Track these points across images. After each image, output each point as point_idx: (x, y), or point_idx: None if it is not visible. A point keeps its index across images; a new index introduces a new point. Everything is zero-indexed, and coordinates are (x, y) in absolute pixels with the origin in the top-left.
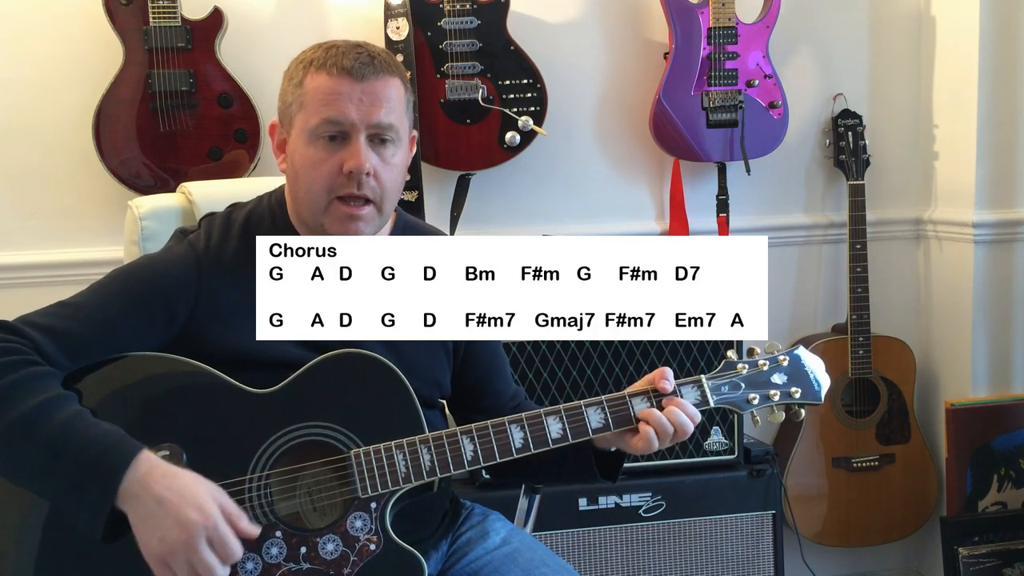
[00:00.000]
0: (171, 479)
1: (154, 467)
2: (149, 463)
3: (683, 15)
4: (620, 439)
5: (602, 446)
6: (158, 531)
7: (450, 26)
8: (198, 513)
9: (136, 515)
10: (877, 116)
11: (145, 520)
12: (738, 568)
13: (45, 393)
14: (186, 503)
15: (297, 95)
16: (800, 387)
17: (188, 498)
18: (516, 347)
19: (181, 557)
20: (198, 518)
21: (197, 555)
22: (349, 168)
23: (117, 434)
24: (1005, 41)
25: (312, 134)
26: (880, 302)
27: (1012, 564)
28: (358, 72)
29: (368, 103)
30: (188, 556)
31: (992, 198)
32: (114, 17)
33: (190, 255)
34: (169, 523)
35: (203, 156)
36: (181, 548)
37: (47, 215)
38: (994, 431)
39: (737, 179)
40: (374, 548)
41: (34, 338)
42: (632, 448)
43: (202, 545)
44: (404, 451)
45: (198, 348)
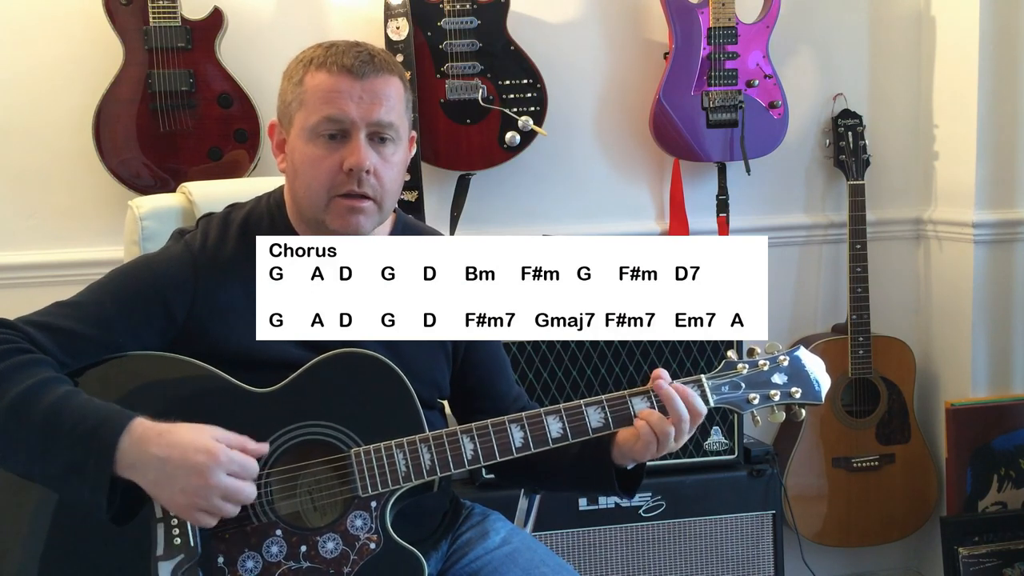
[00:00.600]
0: (167, 435)
1: (147, 430)
2: (142, 427)
3: (683, 15)
4: (632, 449)
5: (620, 463)
6: (175, 486)
7: (450, 26)
8: (204, 455)
9: (146, 480)
10: (877, 116)
11: (157, 483)
12: (738, 568)
13: (35, 376)
14: (188, 451)
15: (297, 93)
16: (800, 387)
17: (188, 446)
18: (516, 347)
19: (208, 496)
20: (205, 459)
21: (220, 486)
22: (349, 166)
23: (108, 408)
24: (1005, 41)
25: (312, 132)
26: (880, 302)
27: (1012, 564)
28: (358, 70)
29: (368, 101)
30: (213, 492)
31: (992, 198)
32: (114, 17)
33: (186, 255)
34: (181, 475)
35: (203, 156)
36: (203, 489)
37: (47, 215)
38: (994, 431)
39: (737, 179)
40: (374, 547)
41: (31, 335)
42: (639, 455)
43: (221, 477)
44: (404, 450)
45: (198, 348)
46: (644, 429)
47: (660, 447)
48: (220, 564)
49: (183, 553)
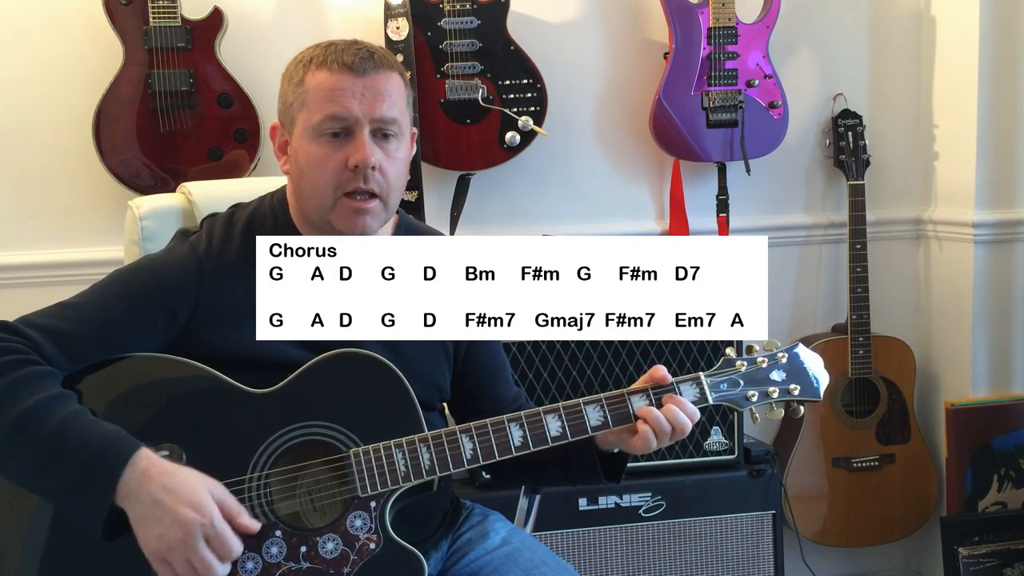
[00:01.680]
0: (169, 477)
1: (152, 465)
2: (147, 461)
3: (683, 15)
4: (620, 440)
5: (604, 448)
6: (156, 529)
7: (450, 26)
8: (194, 512)
9: (135, 513)
10: (877, 116)
11: (143, 519)
12: (738, 568)
13: (44, 392)
14: (182, 502)
15: (298, 94)
16: (799, 384)
17: (184, 497)
18: (516, 347)
19: (179, 555)
20: (194, 517)
21: (195, 554)
22: (355, 162)
23: (116, 433)
24: (1005, 41)
25: (315, 131)
26: (880, 302)
27: (1012, 564)
28: (359, 67)
29: (370, 97)
30: (186, 555)
31: (992, 198)
32: (114, 17)
33: (191, 256)
34: (167, 522)
35: (203, 156)
36: (179, 547)
37: (47, 215)
38: (994, 431)
39: (737, 179)
40: (374, 547)
41: (34, 338)
42: (632, 448)
43: (200, 544)
44: (403, 450)
45: (198, 349)
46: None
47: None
48: None
49: None
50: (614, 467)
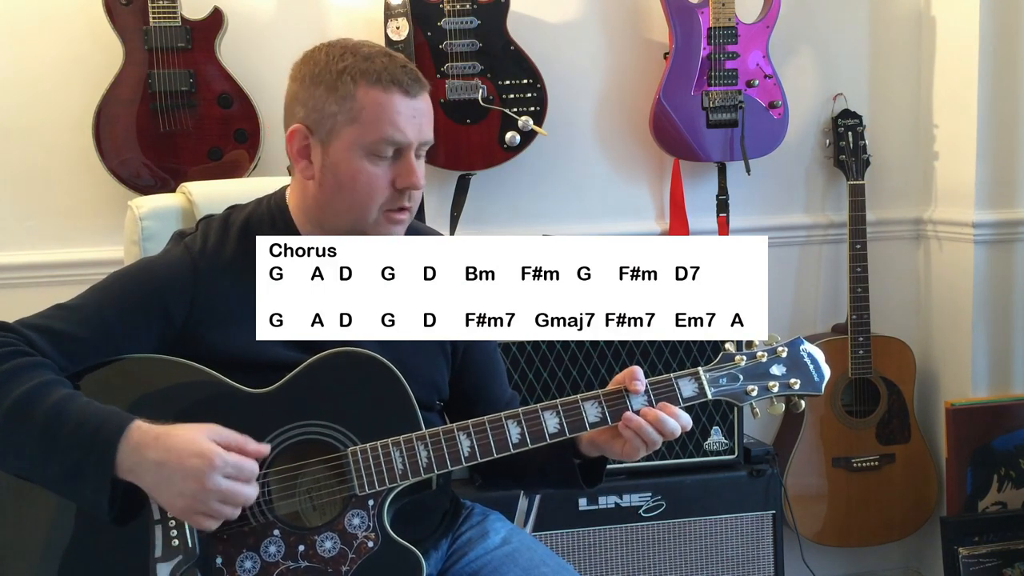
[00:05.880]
0: (164, 438)
1: (145, 433)
2: (140, 431)
3: (683, 15)
4: (607, 444)
5: (587, 451)
6: (172, 489)
7: (450, 26)
8: (199, 458)
9: (145, 484)
10: (877, 116)
11: (156, 485)
12: (738, 568)
13: (35, 379)
14: (185, 455)
15: (345, 107)
16: (799, 378)
17: (185, 449)
18: (516, 347)
19: (205, 501)
20: (200, 463)
21: (218, 490)
22: (405, 185)
23: (108, 411)
24: (1005, 41)
25: (367, 150)
26: (880, 302)
27: (1012, 564)
28: (412, 90)
29: (419, 120)
30: (211, 496)
31: (992, 198)
32: (114, 17)
33: (186, 258)
34: (178, 478)
35: (203, 156)
36: (201, 494)
37: (47, 215)
38: (994, 431)
39: (737, 179)
40: (372, 545)
41: (30, 337)
42: (616, 453)
43: (218, 480)
44: (401, 448)
45: (195, 350)
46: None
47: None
48: (218, 565)
49: (181, 554)
50: (594, 472)
